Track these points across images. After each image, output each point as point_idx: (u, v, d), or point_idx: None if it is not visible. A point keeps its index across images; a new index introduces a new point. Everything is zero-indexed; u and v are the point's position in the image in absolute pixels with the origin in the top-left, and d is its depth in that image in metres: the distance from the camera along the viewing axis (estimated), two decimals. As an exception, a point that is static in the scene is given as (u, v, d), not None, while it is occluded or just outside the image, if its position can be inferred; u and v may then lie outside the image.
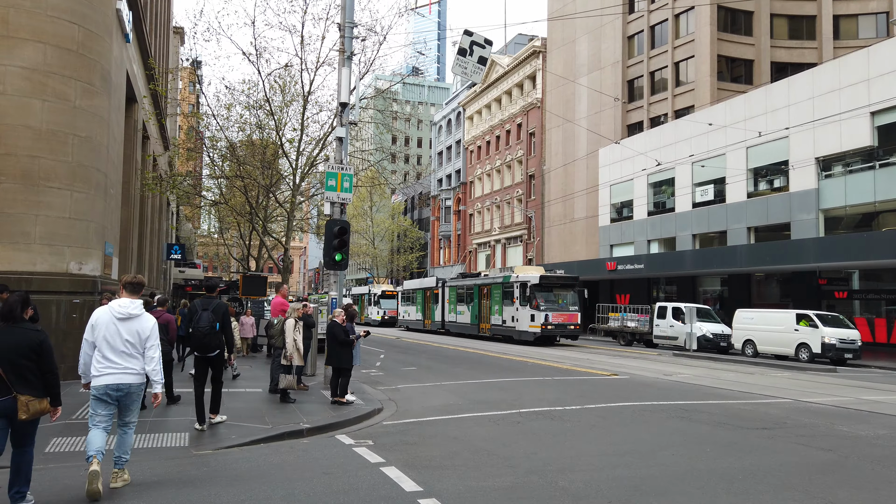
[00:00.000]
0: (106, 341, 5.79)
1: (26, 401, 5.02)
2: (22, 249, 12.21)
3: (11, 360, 5.04)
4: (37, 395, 5.11)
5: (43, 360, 5.18)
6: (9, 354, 5.04)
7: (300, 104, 21.83)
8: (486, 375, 16.32)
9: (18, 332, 5.15)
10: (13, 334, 5.12)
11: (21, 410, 4.98)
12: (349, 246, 14.05)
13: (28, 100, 12.26)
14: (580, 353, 23.88)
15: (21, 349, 5.08)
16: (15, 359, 5.05)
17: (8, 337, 5.10)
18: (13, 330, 5.14)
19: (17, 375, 5.03)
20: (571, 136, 47.32)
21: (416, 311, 42.70)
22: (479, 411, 10.79)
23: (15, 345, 5.07)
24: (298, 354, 11.22)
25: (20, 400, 4.99)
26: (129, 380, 5.82)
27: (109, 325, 5.82)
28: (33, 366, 5.13)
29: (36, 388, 5.13)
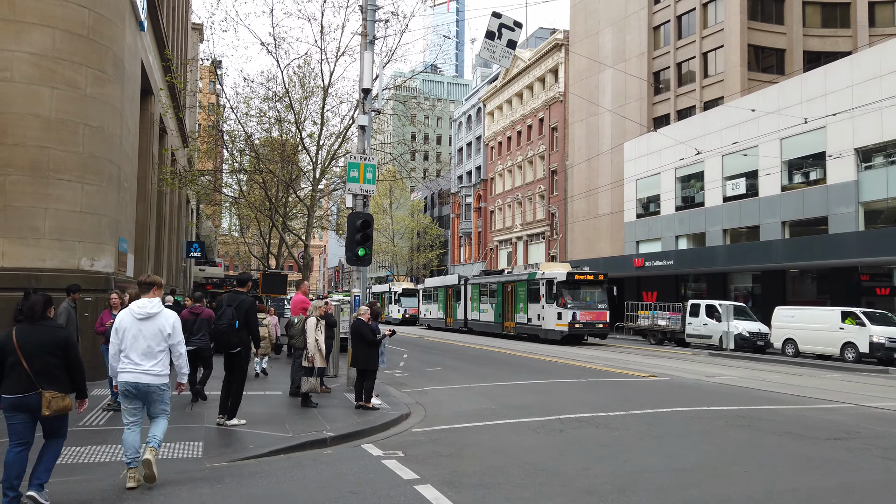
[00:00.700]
0: (129, 342, 5.94)
1: (50, 397, 5.15)
2: (31, 245, 11.61)
3: (37, 358, 5.18)
4: (61, 390, 5.24)
5: (68, 357, 5.34)
6: (35, 352, 5.18)
7: (320, 97, 21.18)
8: (516, 377, 15.50)
9: (43, 330, 5.28)
10: (38, 333, 5.25)
11: (44, 407, 5.12)
12: (372, 241, 13.31)
13: (36, 87, 11.65)
14: (611, 353, 22.95)
15: (47, 347, 5.22)
16: (40, 356, 5.19)
17: (33, 335, 5.23)
18: (37, 328, 5.27)
19: (42, 372, 5.17)
20: (595, 130, 46.25)
21: (437, 309, 41.93)
22: (515, 417, 9.97)
23: (40, 343, 5.20)
24: (321, 355, 10.48)
25: (44, 396, 5.13)
26: (148, 380, 5.91)
27: (132, 327, 5.96)
28: (59, 362, 5.26)
29: (61, 384, 5.26)
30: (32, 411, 5.15)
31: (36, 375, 5.14)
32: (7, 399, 5.15)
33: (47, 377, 5.18)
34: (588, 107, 46.99)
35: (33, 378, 5.13)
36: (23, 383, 5.13)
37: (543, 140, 53.09)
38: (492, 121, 63.22)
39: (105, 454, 7.11)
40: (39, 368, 5.17)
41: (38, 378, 5.14)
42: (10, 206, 11.43)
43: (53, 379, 5.21)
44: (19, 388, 5.13)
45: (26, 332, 5.25)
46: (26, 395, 5.12)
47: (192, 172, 22.75)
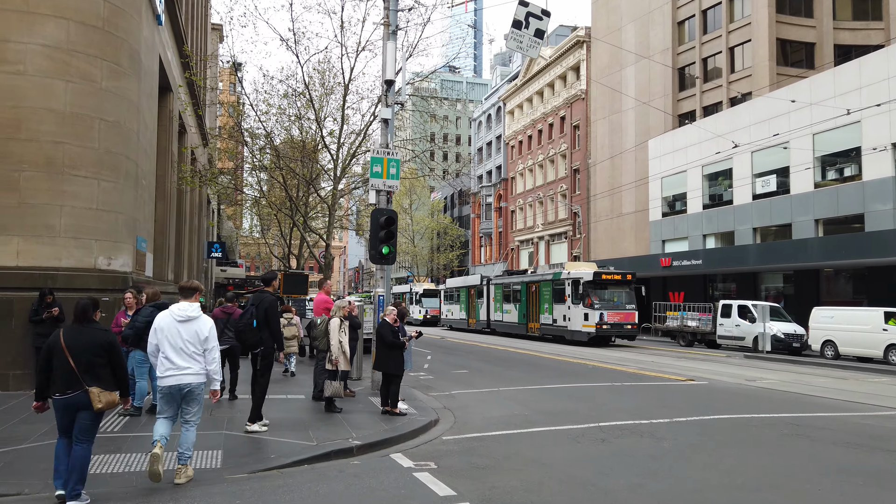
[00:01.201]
0: (168, 343, 6.10)
1: (98, 392, 5.39)
2: (46, 243, 11.23)
3: (84, 358, 5.42)
4: (106, 388, 5.48)
5: (113, 357, 5.60)
6: (82, 353, 5.42)
7: (340, 93, 20.75)
8: (545, 380, 14.87)
9: (89, 332, 5.55)
10: (85, 334, 5.51)
11: (95, 401, 5.36)
12: (397, 238, 12.78)
13: (50, 81, 11.27)
14: (642, 355, 22.20)
15: (93, 348, 5.48)
16: (87, 357, 5.44)
17: (81, 337, 5.49)
18: (84, 330, 5.54)
19: (88, 371, 5.41)
20: (618, 127, 45.40)
21: (459, 309, 41.35)
22: (551, 424, 9.37)
23: (87, 344, 5.47)
24: (345, 358, 9.95)
25: (92, 392, 5.37)
26: (189, 380, 6.10)
27: (171, 328, 6.14)
28: (104, 362, 5.51)
29: (105, 383, 5.49)
30: (80, 409, 5.40)
31: (83, 374, 5.39)
32: (57, 399, 5.42)
33: (93, 376, 5.43)
34: (611, 104, 46.16)
35: (80, 377, 5.38)
36: (71, 383, 5.38)
37: (565, 138, 52.30)
38: (512, 120, 62.52)
39: (119, 463, 6.64)
40: (86, 368, 5.41)
41: (84, 377, 5.39)
42: (24, 203, 11.06)
43: (98, 377, 5.46)
44: (68, 388, 5.39)
45: (73, 334, 5.52)
46: (75, 394, 5.39)
47: (211, 171, 22.39)
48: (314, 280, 42.28)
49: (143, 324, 8.67)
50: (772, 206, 31.63)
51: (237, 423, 8.66)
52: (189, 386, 6.11)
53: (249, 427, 8.29)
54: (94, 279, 11.60)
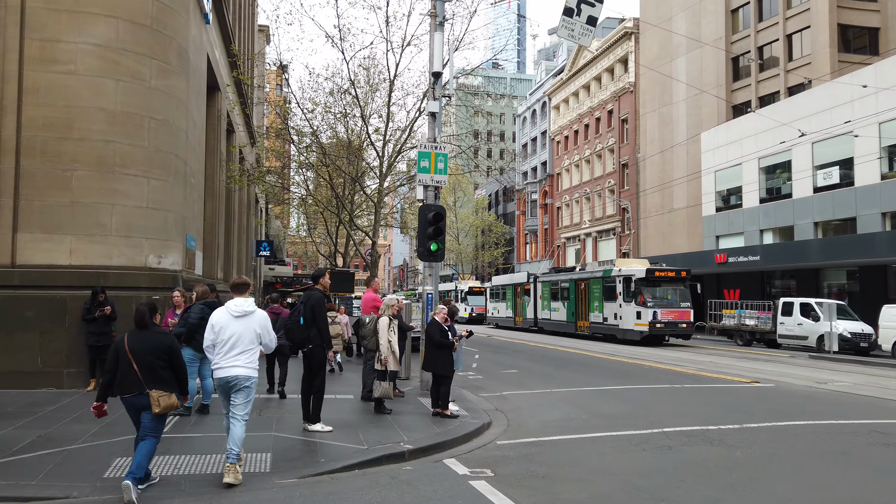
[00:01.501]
0: (224, 338, 6.23)
1: (157, 396, 5.60)
2: (98, 242, 11.27)
3: (147, 362, 5.64)
4: (167, 390, 5.69)
5: (174, 360, 5.82)
6: (144, 357, 5.65)
7: (385, 89, 20.55)
8: (600, 381, 14.32)
9: (151, 336, 5.78)
10: (146, 338, 5.75)
11: (154, 405, 5.58)
12: (445, 235, 12.44)
13: (101, 80, 11.30)
14: (698, 355, 21.35)
15: (155, 351, 5.71)
16: (150, 360, 5.66)
17: (143, 341, 5.72)
18: (145, 335, 5.77)
19: (150, 374, 5.63)
20: (668, 120, 44.14)
21: (505, 307, 40.83)
22: (611, 429, 8.88)
23: (149, 348, 5.69)
24: (394, 358, 9.67)
25: (152, 396, 5.58)
26: (240, 372, 6.19)
27: (228, 324, 6.28)
28: (165, 365, 5.73)
29: (166, 385, 5.70)
30: (143, 409, 5.66)
31: (145, 377, 5.61)
32: (124, 399, 5.72)
33: (155, 378, 5.65)
34: (661, 96, 44.92)
35: (142, 380, 5.60)
36: (135, 385, 5.62)
37: (613, 133, 51.19)
38: (557, 115, 61.58)
39: (168, 466, 6.46)
40: (148, 371, 5.63)
41: (146, 379, 5.61)
42: (77, 202, 11.11)
43: (159, 379, 5.67)
44: (132, 389, 5.63)
45: (136, 338, 5.75)
46: (138, 395, 5.63)
47: (259, 170, 22.49)
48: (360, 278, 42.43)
49: (196, 321, 8.59)
50: (834, 200, 30.17)
51: (286, 424, 8.46)
52: (237, 378, 6.20)
53: (310, 427, 8.11)
54: (145, 278, 11.61)
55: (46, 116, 10.99)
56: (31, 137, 10.93)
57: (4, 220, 10.75)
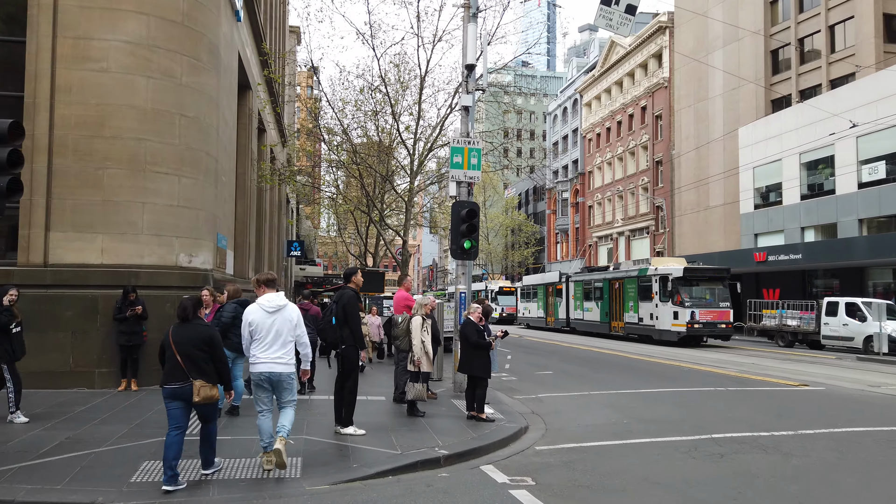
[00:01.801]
0: (260, 334, 6.32)
1: (199, 386, 5.75)
2: (129, 241, 11.19)
3: (188, 353, 5.81)
4: (209, 381, 5.84)
5: (214, 352, 5.95)
6: (186, 348, 5.81)
7: (416, 86, 20.31)
8: (639, 383, 13.83)
9: (192, 328, 5.94)
10: (189, 330, 5.91)
11: (195, 394, 5.74)
12: (478, 232, 12.11)
13: (133, 77, 11.23)
14: (739, 356, 20.65)
15: (196, 343, 5.86)
16: (191, 351, 5.82)
17: (185, 332, 5.89)
18: (188, 327, 5.94)
19: (193, 365, 5.79)
20: (704, 116, 43.12)
21: (537, 307, 40.31)
22: (656, 434, 8.45)
23: (191, 339, 5.85)
24: (427, 359, 9.36)
25: (195, 385, 5.74)
26: (280, 369, 6.28)
27: (263, 320, 6.34)
28: (206, 356, 5.87)
29: (207, 376, 5.85)
30: (186, 399, 5.78)
31: (188, 368, 5.77)
32: (166, 389, 5.82)
33: (197, 369, 5.79)
34: (696, 91, 43.92)
35: (185, 370, 5.75)
36: (178, 375, 5.77)
37: (646, 129, 50.25)
38: (589, 112, 60.73)
39: (194, 471, 6.22)
40: (190, 362, 5.78)
41: (189, 370, 5.76)
42: (109, 200, 11.05)
43: (202, 371, 5.81)
44: (176, 380, 5.78)
45: (180, 330, 5.93)
46: (182, 385, 5.76)
47: (290, 169, 22.44)
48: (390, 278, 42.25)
49: (229, 319, 8.44)
50: (881, 195, 29.03)
51: (317, 427, 8.22)
52: (280, 376, 6.30)
53: (342, 430, 7.87)
54: (175, 276, 11.51)
55: (79, 115, 10.94)
56: (64, 136, 10.89)
57: (37, 219, 10.74)
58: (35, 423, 7.95)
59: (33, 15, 10.87)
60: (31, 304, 10.02)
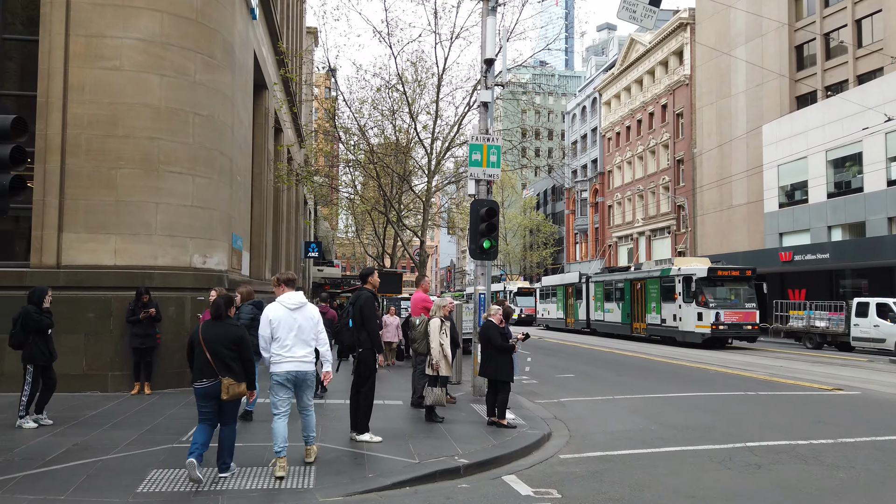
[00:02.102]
0: (284, 332, 6.27)
1: (228, 384, 5.82)
2: (143, 241, 11.01)
3: (218, 351, 5.89)
4: (236, 379, 5.91)
5: (242, 351, 6.03)
6: (216, 346, 5.89)
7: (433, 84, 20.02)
8: (664, 387, 13.40)
9: (223, 326, 6.03)
10: (219, 329, 6.00)
11: (223, 391, 5.81)
12: (498, 232, 11.77)
13: (146, 75, 11.05)
14: (767, 359, 20.07)
15: (226, 341, 5.94)
16: (221, 350, 5.90)
17: (216, 331, 5.99)
18: (218, 325, 6.03)
19: (222, 363, 5.87)
20: (727, 113, 42.34)
21: (556, 308, 39.82)
22: (687, 443, 8.05)
23: (221, 337, 5.94)
24: (446, 362, 9.05)
25: (223, 383, 5.81)
26: (305, 368, 6.32)
27: (286, 318, 6.31)
28: (235, 355, 5.94)
29: (235, 374, 5.92)
30: (216, 397, 5.87)
31: (217, 365, 5.85)
32: (198, 389, 5.92)
33: (226, 367, 5.87)
34: (718, 89, 43.16)
35: (215, 368, 5.83)
36: (207, 373, 5.87)
37: (667, 127, 49.51)
38: (608, 111, 60.05)
39: (206, 482, 5.95)
40: (219, 360, 5.86)
41: (218, 368, 5.84)
42: (121, 200, 10.88)
43: (230, 369, 5.88)
44: (205, 377, 5.88)
45: (210, 328, 6.02)
46: (211, 383, 5.86)
47: (307, 169, 22.26)
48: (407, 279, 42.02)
49: (247, 321, 8.20)
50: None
51: (332, 433, 7.92)
52: (306, 374, 6.32)
53: (357, 437, 7.57)
54: (190, 278, 11.31)
55: (91, 114, 10.79)
56: (77, 135, 10.74)
57: (50, 220, 10.59)
58: (44, 429, 7.76)
59: (46, 13, 10.73)
60: (44, 306, 9.85)
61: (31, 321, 7.86)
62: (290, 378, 6.24)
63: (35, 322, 7.89)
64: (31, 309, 7.93)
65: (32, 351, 7.89)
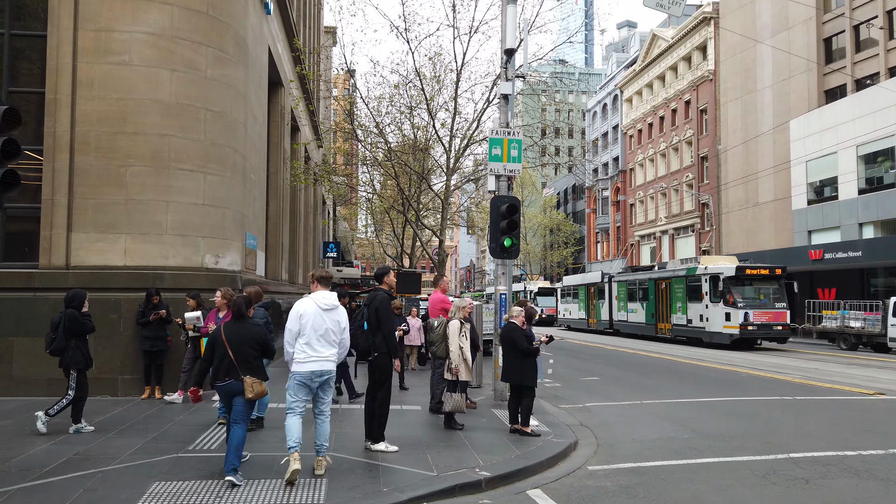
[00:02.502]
0: (313, 330, 6.11)
1: (251, 382, 5.88)
2: (153, 241, 10.71)
3: (241, 350, 5.95)
4: (260, 378, 6.01)
5: (265, 351, 6.17)
6: (240, 346, 5.95)
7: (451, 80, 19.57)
8: (695, 391, 12.81)
9: (245, 327, 6.10)
10: (241, 329, 6.06)
11: (247, 390, 5.85)
12: (520, 229, 11.30)
13: (156, 70, 10.75)
14: (800, 361, 19.33)
15: (248, 341, 6.03)
16: (244, 349, 5.97)
17: (238, 331, 6.04)
18: (241, 325, 6.10)
19: (244, 362, 5.94)
20: (752, 109, 41.36)
21: (578, 308, 39.16)
22: (725, 453, 7.51)
23: (244, 337, 6.01)
24: (466, 366, 8.60)
25: (246, 382, 5.87)
26: (330, 367, 6.18)
27: (316, 316, 6.14)
28: (257, 354, 6.06)
29: (258, 373, 6.03)
30: (237, 394, 5.93)
31: (240, 365, 5.90)
32: (218, 386, 5.98)
33: (248, 367, 5.95)
34: (744, 84, 42.19)
35: (237, 367, 5.89)
36: (230, 372, 5.93)
37: (690, 124, 48.56)
38: (630, 108, 59.17)
39: (210, 496, 5.56)
40: (242, 359, 5.92)
41: (241, 367, 5.90)
42: (132, 199, 10.58)
43: (252, 368, 5.97)
44: (227, 376, 5.94)
45: (232, 328, 6.07)
46: (233, 382, 5.93)
47: (324, 168, 21.95)
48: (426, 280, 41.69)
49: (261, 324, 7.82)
50: (949, 189, 27.21)
51: (345, 441, 7.52)
52: (329, 373, 6.20)
53: (373, 447, 7.14)
54: (202, 278, 10.98)
55: (100, 110, 10.52)
56: (86, 132, 10.47)
57: (59, 220, 10.33)
58: (47, 436, 7.45)
59: (54, 7, 10.48)
60: (53, 307, 9.56)
61: (76, 325, 7.70)
62: (315, 377, 6.08)
63: (80, 326, 7.74)
64: (75, 313, 7.72)
65: (75, 355, 7.72)
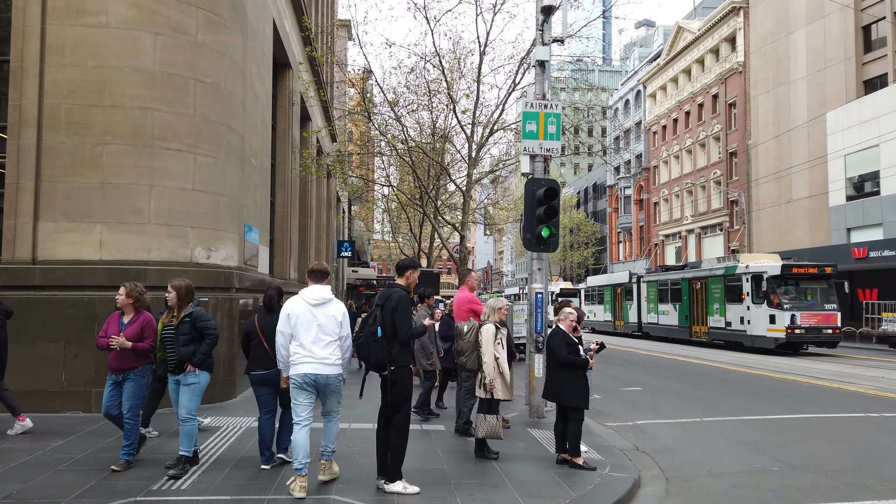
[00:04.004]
0: (303, 329, 5.54)
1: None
2: (133, 231, 9.24)
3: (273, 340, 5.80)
4: None
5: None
6: (272, 335, 5.84)
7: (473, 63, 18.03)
8: (759, 406, 11.11)
9: (276, 318, 5.78)
10: (274, 320, 5.87)
11: (282, 381, 5.86)
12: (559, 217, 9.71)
13: (137, 33, 9.29)
14: (860, 368, 17.50)
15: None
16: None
17: (271, 322, 5.99)
18: (273, 317, 6.03)
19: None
20: (785, 101, 39.36)
21: (603, 310, 37.39)
22: (840, 496, 5.86)
23: (274, 328, 5.72)
24: (503, 381, 6.99)
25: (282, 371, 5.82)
26: (327, 371, 5.49)
27: (305, 314, 5.56)
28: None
29: None
30: (273, 385, 6.08)
31: (274, 355, 5.80)
32: (253, 375, 6.11)
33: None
34: (776, 75, 40.20)
35: (272, 357, 5.86)
36: (265, 362, 6.06)
37: (718, 119, 46.59)
38: (654, 103, 57.24)
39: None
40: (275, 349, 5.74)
41: (275, 357, 5.78)
42: (108, 183, 9.12)
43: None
44: (263, 366, 6.08)
45: (266, 320, 6.17)
46: (268, 371, 6.06)
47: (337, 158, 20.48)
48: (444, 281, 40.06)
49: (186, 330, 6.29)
50: None
51: (353, 477, 5.94)
52: (327, 379, 5.51)
53: (388, 487, 5.52)
54: (191, 275, 9.38)
55: (73, 80, 9.07)
56: (55, 106, 9.03)
57: (24, 206, 8.89)
58: (-18, 469, 5.97)
59: (19, -39, 9.06)
60: (17, 308, 8.15)
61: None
62: (310, 381, 5.45)
63: None
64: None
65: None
